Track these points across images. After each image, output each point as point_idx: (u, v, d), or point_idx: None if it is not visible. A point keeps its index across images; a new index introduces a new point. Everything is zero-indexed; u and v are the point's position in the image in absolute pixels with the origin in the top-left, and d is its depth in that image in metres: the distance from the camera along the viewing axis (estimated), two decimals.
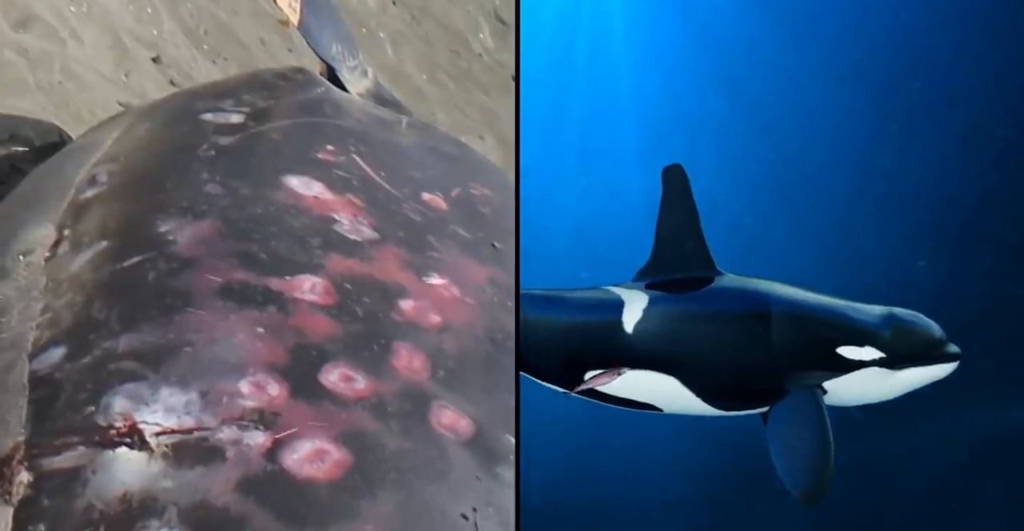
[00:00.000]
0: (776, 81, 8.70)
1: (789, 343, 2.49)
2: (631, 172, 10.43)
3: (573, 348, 2.81)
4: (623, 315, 2.72)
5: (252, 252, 2.06)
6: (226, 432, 1.69)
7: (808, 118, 8.52)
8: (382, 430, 1.81)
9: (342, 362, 1.92)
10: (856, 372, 2.42)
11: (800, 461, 2.19)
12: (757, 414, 2.54)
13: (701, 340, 2.63)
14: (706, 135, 9.30)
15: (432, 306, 2.15)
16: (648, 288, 2.83)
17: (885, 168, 7.44)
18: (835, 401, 2.48)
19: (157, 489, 1.53)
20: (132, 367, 1.70)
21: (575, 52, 11.23)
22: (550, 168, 10.37)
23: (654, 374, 2.60)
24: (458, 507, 1.73)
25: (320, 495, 1.66)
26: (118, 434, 1.58)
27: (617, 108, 10.76)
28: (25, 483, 1.47)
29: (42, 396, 1.62)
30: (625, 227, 10.40)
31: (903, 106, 7.52)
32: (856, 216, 7.48)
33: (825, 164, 8.04)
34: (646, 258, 3.05)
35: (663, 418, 2.88)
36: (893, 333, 2.43)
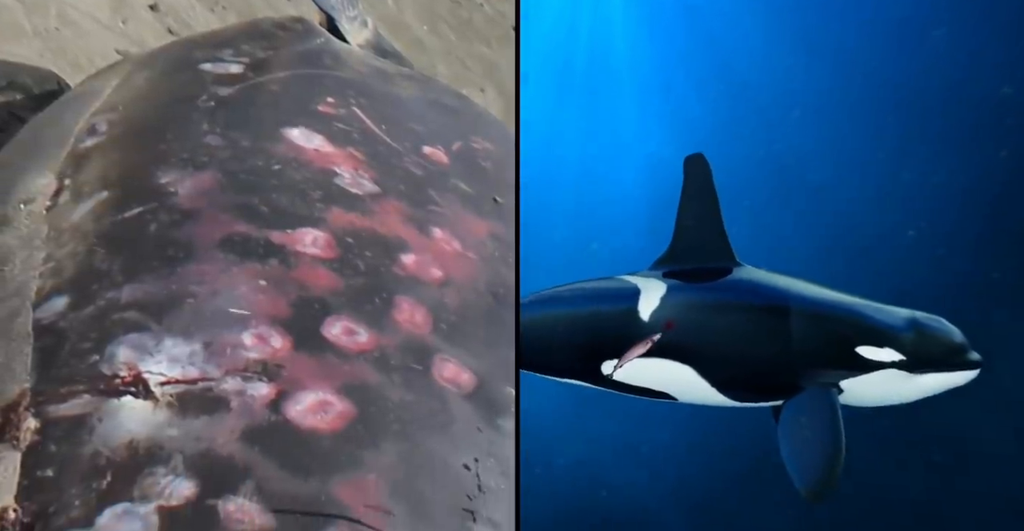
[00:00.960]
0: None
1: (807, 339, 2.44)
2: (634, 123, 10.36)
3: (588, 338, 2.77)
4: (639, 303, 2.67)
5: (253, 205, 2.05)
6: (230, 383, 1.71)
7: (807, 117, 8.46)
8: (384, 383, 1.82)
9: (344, 315, 1.93)
10: (874, 373, 2.37)
11: (809, 459, 2.16)
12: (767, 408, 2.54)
13: (719, 330, 2.58)
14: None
15: (433, 260, 2.15)
16: (666, 277, 2.79)
17: (884, 163, 7.43)
18: (850, 401, 2.44)
19: (163, 437, 1.55)
20: (135, 318, 1.71)
21: (577, 1, 11.05)
22: (552, 121, 10.31)
23: (669, 362, 2.56)
24: (460, 458, 1.76)
25: (323, 445, 1.68)
26: (123, 383, 1.60)
27: (620, 60, 10.63)
28: (32, 429, 1.49)
29: (46, 344, 1.63)
30: (627, 181, 10.40)
31: (905, 102, 7.46)
32: (858, 211, 7.45)
33: (826, 161, 7.97)
34: (649, 211, 3.03)
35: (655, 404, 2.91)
36: (915, 337, 2.36)
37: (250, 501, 1.52)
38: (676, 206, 2.93)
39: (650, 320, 2.59)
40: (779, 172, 8.14)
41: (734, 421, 4.04)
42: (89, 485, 1.44)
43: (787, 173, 8.05)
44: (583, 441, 7.57)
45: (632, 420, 7.46)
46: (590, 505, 7.77)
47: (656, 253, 3.12)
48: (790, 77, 8.65)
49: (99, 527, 1.39)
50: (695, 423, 6.62)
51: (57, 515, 1.39)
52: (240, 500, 1.52)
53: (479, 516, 1.68)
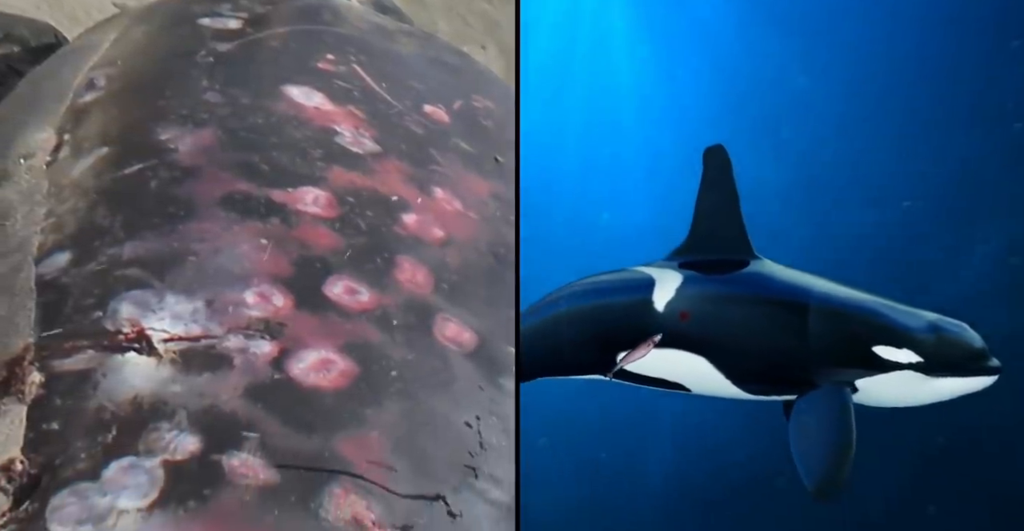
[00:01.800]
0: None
1: (824, 336, 2.39)
2: (635, 80, 10.26)
3: (603, 330, 2.74)
4: (654, 294, 2.64)
5: (253, 163, 2.04)
6: (232, 341, 1.71)
7: (807, 114, 8.39)
8: (386, 341, 1.84)
9: (346, 275, 1.93)
10: (890, 374, 2.33)
11: (818, 456, 2.14)
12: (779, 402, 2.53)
13: (735, 323, 2.53)
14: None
15: (434, 220, 2.15)
16: (682, 267, 2.74)
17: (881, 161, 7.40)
18: (865, 401, 2.40)
19: (166, 393, 1.56)
20: (137, 274, 1.71)
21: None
22: (554, 80, 10.20)
23: (684, 353, 2.53)
24: (462, 416, 1.78)
25: (326, 403, 1.70)
26: (126, 339, 1.60)
27: (623, 17, 10.50)
28: (37, 383, 1.50)
29: (50, 300, 1.63)
30: (630, 142, 10.34)
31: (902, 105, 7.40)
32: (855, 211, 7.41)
33: (829, 157, 7.91)
34: (653, 161, 2.99)
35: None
36: (935, 339, 2.31)
37: (254, 456, 1.54)
38: (681, 167, 2.90)
39: (665, 311, 2.57)
40: (785, 167, 8.09)
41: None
42: (94, 438, 1.45)
43: (790, 167, 8.00)
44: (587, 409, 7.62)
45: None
46: (590, 467, 7.88)
47: (662, 221, 3.10)
48: (791, 70, 8.62)
49: (105, 480, 1.41)
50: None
51: (63, 467, 1.41)
52: (244, 455, 1.53)
53: (481, 472, 1.70)
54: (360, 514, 1.54)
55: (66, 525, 1.34)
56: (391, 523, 1.55)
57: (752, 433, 5.11)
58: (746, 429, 5.55)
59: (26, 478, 1.38)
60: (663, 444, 7.70)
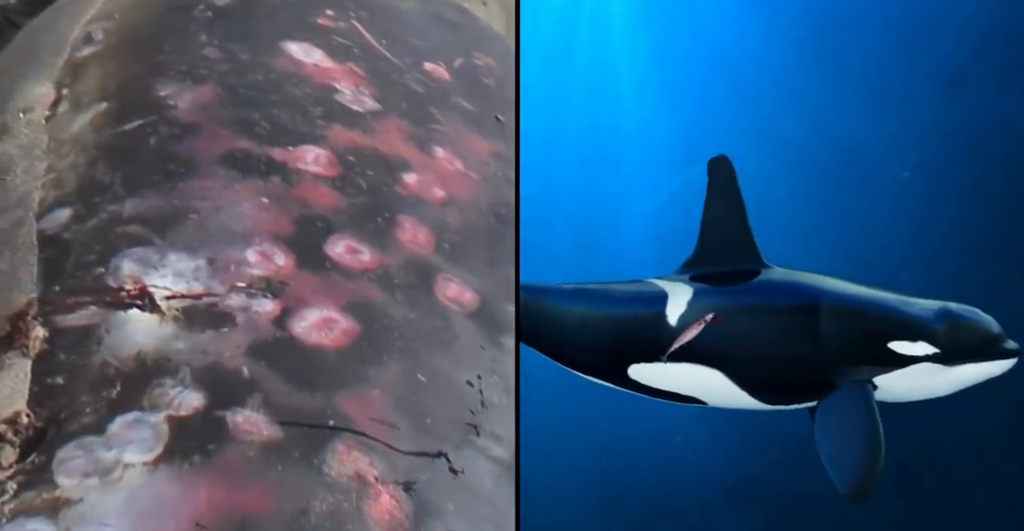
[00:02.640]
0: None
1: (839, 337, 2.34)
2: (633, 45, 10.15)
3: (615, 341, 2.70)
4: (666, 308, 2.59)
5: (253, 120, 2.02)
6: (235, 299, 1.71)
7: (807, 113, 8.31)
8: (388, 301, 1.84)
9: (347, 234, 1.93)
10: (908, 368, 2.29)
11: (848, 458, 2.11)
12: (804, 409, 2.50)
13: (748, 333, 2.48)
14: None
15: (435, 180, 2.13)
16: (692, 280, 2.69)
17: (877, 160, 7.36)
18: (886, 397, 2.37)
19: (170, 350, 1.57)
20: (139, 231, 1.70)
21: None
22: (558, 38, 10.09)
23: (699, 367, 2.49)
24: (463, 374, 1.79)
25: (328, 361, 1.71)
26: (129, 296, 1.60)
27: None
28: (41, 338, 1.51)
29: (52, 255, 1.63)
30: (632, 108, 10.27)
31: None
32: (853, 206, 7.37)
33: (829, 156, 7.83)
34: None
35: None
36: (948, 328, 2.27)
37: (257, 413, 1.55)
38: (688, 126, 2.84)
39: (677, 325, 2.52)
40: (784, 168, 8.01)
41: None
42: (99, 393, 1.46)
43: (790, 169, 7.90)
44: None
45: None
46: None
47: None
48: (791, 71, 8.56)
49: (110, 434, 1.42)
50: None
51: (69, 421, 1.42)
52: (247, 412, 1.55)
53: (482, 430, 1.72)
54: (363, 470, 1.56)
55: (73, 477, 1.36)
56: (393, 479, 1.57)
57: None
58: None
59: (32, 431, 1.39)
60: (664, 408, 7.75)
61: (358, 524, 1.49)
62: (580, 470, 8.05)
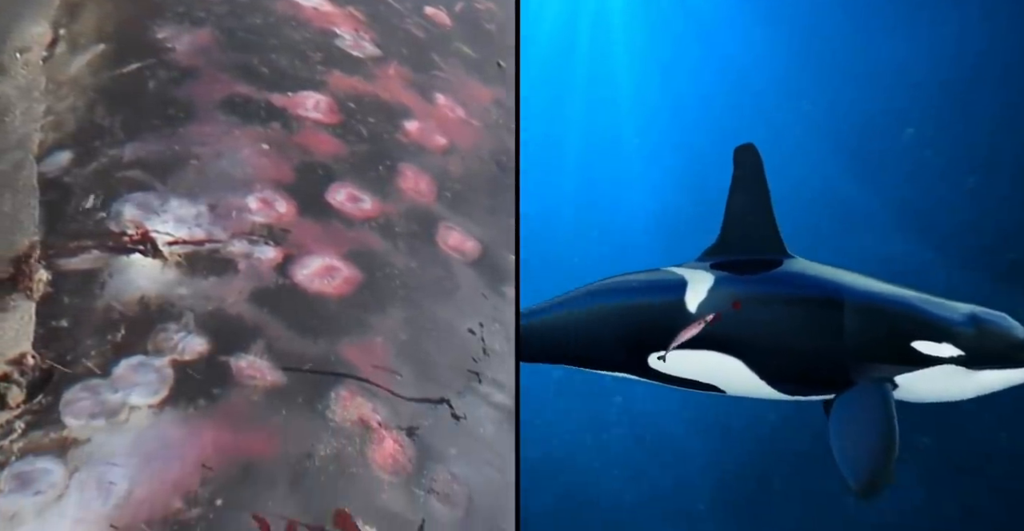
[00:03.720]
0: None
1: (862, 333, 2.29)
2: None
3: (633, 331, 2.65)
4: (686, 295, 2.54)
5: (252, 65, 1.99)
6: (237, 245, 1.71)
7: (809, 112, 8.20)
8: (390, 249, 1.84)
9: (348, 182, 1.92)
10: (931, 368, 2.25)
11: (861, 454, 2.08)
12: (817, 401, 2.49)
13: (769, 323, 2.42)
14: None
15: (437, 127, 2.11)
16: (714, 268, 2.64)
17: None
18: (906, 396, 2.32)
19: (173, 295, 1.57)
20: (139, 176, 1.69)
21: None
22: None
23: (718, 355, 2.44)
24: (465, 322, 1.80)
25: (331, 309, 1.71)
26: (131, 241, 1.60)
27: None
28: (44, 281, 1.50)
29: (53, 199, 1.62)
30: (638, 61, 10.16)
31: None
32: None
33: (829, 159, 7.76)
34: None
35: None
36: (975, 332, 2.22)
37: (261, 359, 1.56)
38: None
39: (697, 312, 2.46)
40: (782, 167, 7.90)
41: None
42: (103, 337, 1.46)
43: (790, 169, 7.81)
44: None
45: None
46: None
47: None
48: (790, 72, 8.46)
49: (115, 377, 1.43)
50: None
51: (75, 363, 1.42)
52: (251, 357, 1.55)
53: (484, 377, 1.73)
54: (366, 416, 1.58)
55: (80, 418, 1.37)
56: (396, 424, 1.59)
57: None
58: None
59: (38, 372, 1.40)
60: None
61: (362, 467, 1.51)
62: (580, 414, 8.13)
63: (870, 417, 2.15)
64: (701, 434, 7.15)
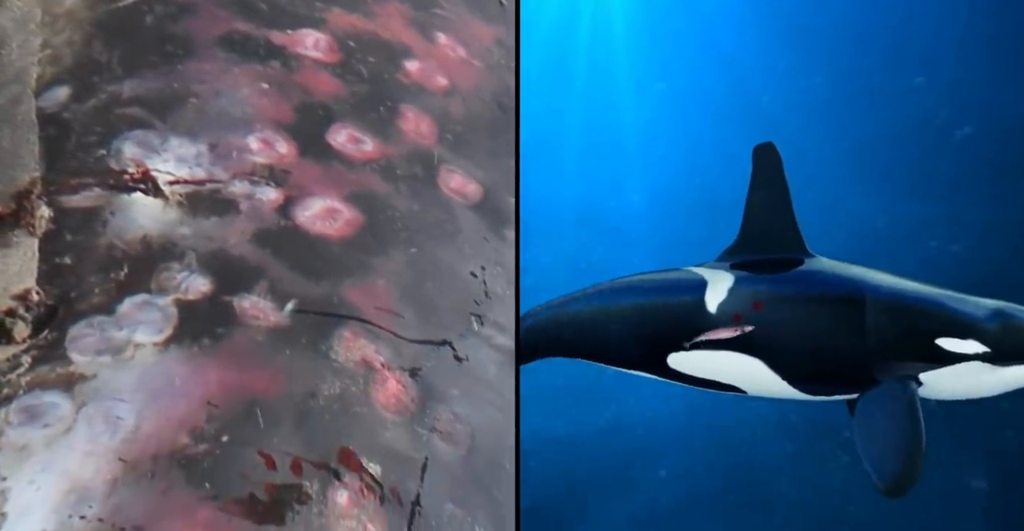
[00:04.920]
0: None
1: (885, 331, 2.26)
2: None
3: (653, 331, 2.61)
4: (705, 295, 2.50)
5: (251, 1, 1.95)
6: (238, 186, 1.69)
7: (807, 113, 8.12)
8: (391, 192, 1.82)
9: (349, 123, 1.89)
10: (956, 365, 2.22)
11: (887, 453, 2.08)
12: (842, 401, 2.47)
13: (790, 323, 2.38)
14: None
15: (438, 67, 2.08)
16: (734, 268, 2.60)
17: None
18: (931, 394, 2.29)
19: (175, 235, 1.56)
20: (139, 114, 1.66)
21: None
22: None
23: (739, 355, 2.41)
24: (467, 265, 1.80)
25: (333, 251, 1.71)
26: (132, 179, 1.58)
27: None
28: (46, 218, 1.49)
29: (52, 135, 1.60)
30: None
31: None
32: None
33: (828, 159, 7.64)
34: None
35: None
36: (1000, 328, 2.18)
37: (264, 300, 1.56)
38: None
39: (717, 313, 2.44)
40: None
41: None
42: (107, 274, 1.46)
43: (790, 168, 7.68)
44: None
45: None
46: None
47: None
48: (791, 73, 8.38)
49: (120, 314, 1.43)
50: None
51: (79, 300, 1.42)
52: (254, 298, 1.56)
53: (486, 319, 1.74)
54: (369, 357, 1.59)
55: (86, 354, 1.37)
56: (399, 365, 1.60)
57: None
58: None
59: (43, 308, 1.40)
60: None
61: (365, 407, 1.52)
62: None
63: (896, 416, 2.13)
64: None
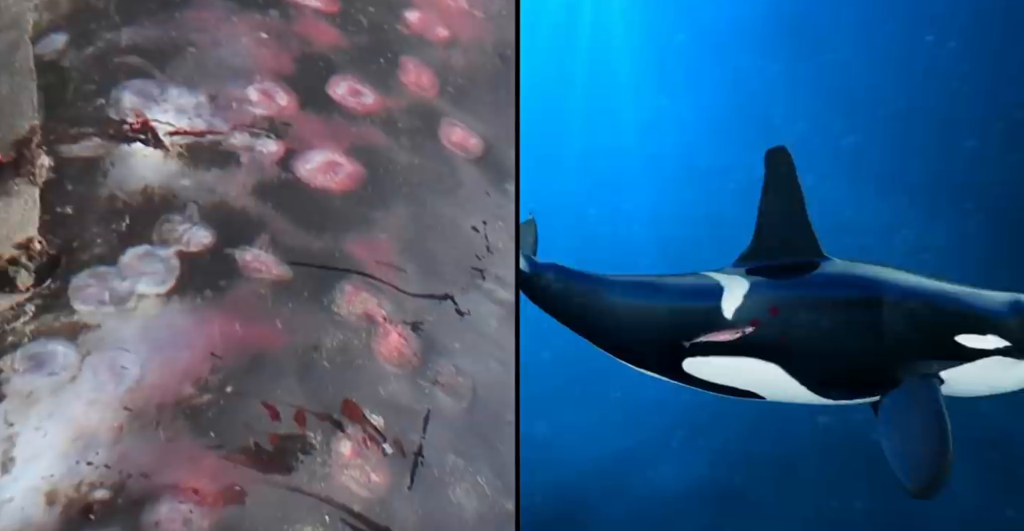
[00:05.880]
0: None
1: (903, 330, 2.21)
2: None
3: (669, 335, 2.58)
4: (722, 301, 2.46)
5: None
6: (238, 138, 1.68)
7: (805, 115, 8.02)
8: (392, 146, 1.81)
9: (349, 75, 1.87)
10: (977, 361, 2.18)
11: (915, 453, 2.04)
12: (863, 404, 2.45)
13: (807, 327, 2.33)
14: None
15: (439, 18, 2.05)
16: (749, 273, 2.56)
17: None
18: (953, 391, 2.26)
19: (176, 186, 1.55)
20: (137, 63, 1.64)
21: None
22: None
23: (756, 361, 2.37)
24: (469, 220, 1.79)
25: (334, 204, 1.70)
26: (132, 130, 1.57)
27: None
28: (47, 167, 1.48)
29: (51, 82, 1.57)
30: None
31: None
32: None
33: (828, 160, 7.55)
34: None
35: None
36: (1020, 322, 2.15)
37: (266, 253, 1.56)
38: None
39: (734, 318, 2.41)
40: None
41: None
42: (109, 225, 1.46)
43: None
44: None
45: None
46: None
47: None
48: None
49: (122, 265, 1.43)
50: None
51: (81, 250, 1.42)
52: (256, 251, 1.55)
53: (488, 274, 1.74)
54: (371, 310, 1.59)
55: (89, 304, 1.37)
56: (401, 319, 1.61)
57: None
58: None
59: (45, 258, 1.40)
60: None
61: (368, 360, 1.53)
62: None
63: (921, 416, 2.12)
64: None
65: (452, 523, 1.43)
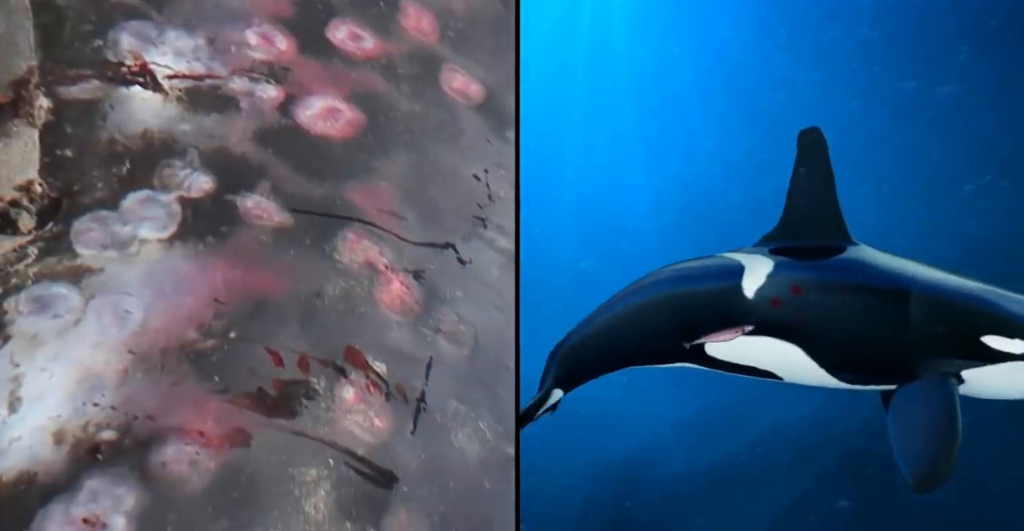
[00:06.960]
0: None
1: (929, 326, 2.18)
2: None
3: (691, 318, 2.53)
4: (743, 280, 2.42)
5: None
6: (238, 83, 1.65)
7: (804, 109, 7.90)
8: (393, 92, 1.79)
9: (349, 18, 1.83)
10: (1000, 364, 2.16)
11: (920, 447, 2.01)
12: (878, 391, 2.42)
13: (830, 310, 2.30)
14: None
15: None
16: (773, 253, 2.51)
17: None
18: (972, 392, 2.24)
19: (176, 131, 1.53)
20: (134, 3, 1.60)
21: None
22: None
23: (776, 341, 2.34)
24: (470, 168, 1.78)
25: (335, 152, 1.68)
26: (130, 72, 1.54)
27: None
28: (45, 108, 1.46)
29: (47, 22, 1.54)
30: None
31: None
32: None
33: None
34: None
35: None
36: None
37: (267, 199, 1.55)
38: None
39: (755, 298, 2.37)
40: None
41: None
42: (109, 169, 1.44)
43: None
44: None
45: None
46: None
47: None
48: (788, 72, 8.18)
49: (124, 209, 1.42)
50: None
51: (82, 194, 1.41)
52: (257, 197, 1.54)
53: (489, 222, 1.74)
54: (373, 258, 1.59)
55: (91, 248, 1.37)
56: (403, 267, 1.61)
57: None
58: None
59: (46, 200, 1.38)
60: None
61: (370, 307, 1.54)
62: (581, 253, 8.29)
63: (933, 412, 2.11)
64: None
65: (454, 467, 1.46)
